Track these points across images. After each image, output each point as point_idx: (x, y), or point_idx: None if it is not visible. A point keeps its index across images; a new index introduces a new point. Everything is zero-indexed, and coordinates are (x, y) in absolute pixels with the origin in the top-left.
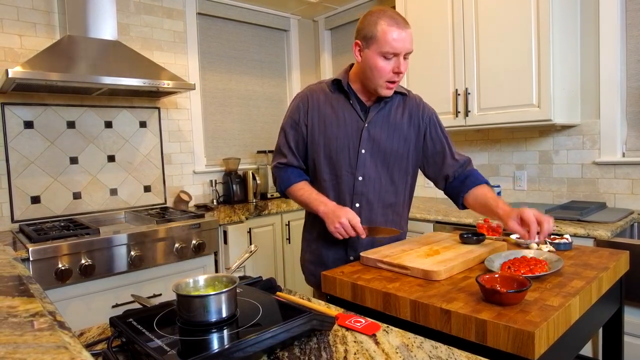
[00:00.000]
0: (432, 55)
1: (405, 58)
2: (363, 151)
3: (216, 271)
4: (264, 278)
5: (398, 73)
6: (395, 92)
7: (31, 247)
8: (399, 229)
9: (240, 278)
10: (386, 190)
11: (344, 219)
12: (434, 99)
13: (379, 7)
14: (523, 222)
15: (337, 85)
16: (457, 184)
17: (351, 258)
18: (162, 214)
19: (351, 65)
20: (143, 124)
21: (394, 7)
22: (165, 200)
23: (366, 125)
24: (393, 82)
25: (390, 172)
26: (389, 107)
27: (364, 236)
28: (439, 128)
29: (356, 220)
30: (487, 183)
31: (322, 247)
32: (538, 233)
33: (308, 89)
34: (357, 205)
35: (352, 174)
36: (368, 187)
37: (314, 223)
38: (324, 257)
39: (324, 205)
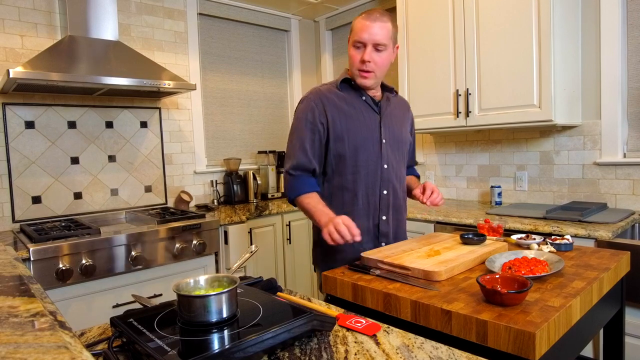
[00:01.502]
0: (433, 55)
1: (377, 50)
2: (384, 141)
3: (217, 271)
4: (264, 278)
5: (364, 61)
6: (390, 90)
7: (32, 247)
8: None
9: (241, 278)
10: (402, 175)
11: (339, 221)
12: (435, 99)
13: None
14: (424, 190)
15: (347, 83)
16: None
17: (383, 244)
18: (162, 214)
19: (347, 69)
20: (144, 124)
21: (394, 8)
22: (166, 201)
23: (381, 117)
24: (364, 71)
25: (403, 158)
26: (392, 102)
27: (358, 239)
28: (413, 127)
29: (352, 223)
30: (417, 177)
31: (354, 243)
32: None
33: (317, 90)
34: (385, 192)
35: (378, 163)
36: (391, 174)
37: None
38: (359, 252)
39: (327, 216)
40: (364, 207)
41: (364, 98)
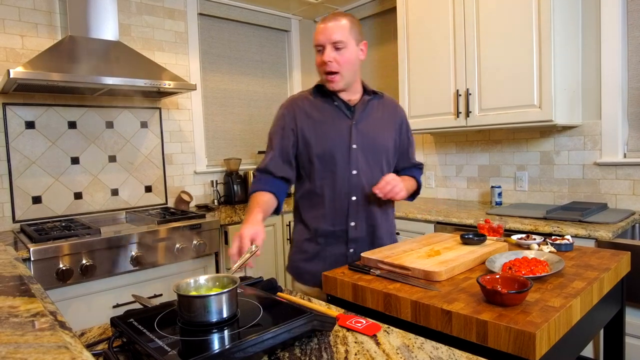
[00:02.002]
0: (433, 55)
1: (337, 48)
2: (354, 146)
3: (217, 271)
4: (264, 278)
5: (324, 63)
6: (374, 93)
7: (32, 247)
8: (392, 222)
9: (241, 279)
10: (378, 181)
11: (238, 234)
12: (435, 99)
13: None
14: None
15: (320, 90)
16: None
17: (351, 250)
18: (163, 214)
19: None
20: (144, 124)
21: (394, 9)
22: (166, 201)
23: (354, 122)
24: (329, 74)
25: (380, 164)
26: (371, 105)
27: (235, 258)
28: (408, 129)
29: (243, 241)
30: (416, 179)
31: (322, 243)
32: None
33: (291, 98)
34: (354, 198)
35: (347, 169)
36: (362, 180)
37: (308, 225)
38: (325, 252)
39: (245, 222)
40: (331, 212)
41: (335, 103)
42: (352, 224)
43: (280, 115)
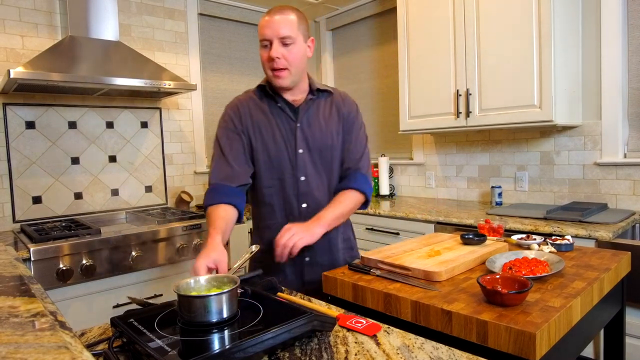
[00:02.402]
0: (433, 56)
1: (285, 44)
2: (300, 151)
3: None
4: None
5: (272, 59)
6: (322, 91)
7: (32, 247)
8: (348, 226)
9: (242, 281)
10: (332, 185)
11: (194, 266)
12: (435, 99)
13: None
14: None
15: (263, 90)
16: (340, 184)
17: (307, 259)
18: (163, 214)
19: None
20: (144, 125)
21: (394, 9)
22: (167, 201)
23: (298, 125)
24: (276, 70)
25: (329, 168)
26: (317, 104)
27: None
28: (353, 124)
29: (199, 266)
30: (356, 189)
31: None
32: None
33: (236, 99)
34: (305, 205)
35: (294, 175)
36: (312, 185)
37: (263, 233)
38: (280, 264)
39: (205, 248)
40: (283, 222)
41: (279, 105)
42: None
43: (227, 117)
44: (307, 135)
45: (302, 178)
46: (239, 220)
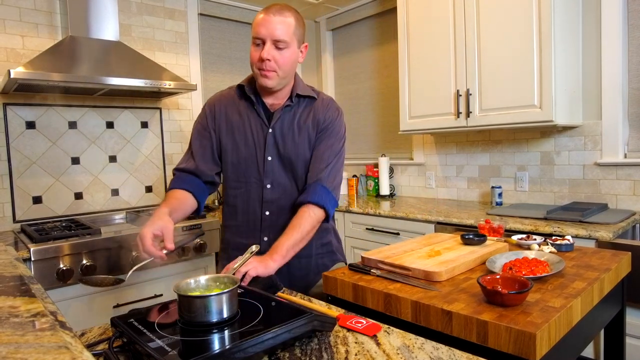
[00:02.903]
0: (434, 56)
1: (278, 47)
2: (269, 158)
3: (217, 272)
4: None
5: (262, 60)
6: (303, 97)
7: (33, 247)
8: (322, 234)
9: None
10: (296, 196)
11: (139, 234)
12: (435, 99)
13: None
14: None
15: (241, 90)
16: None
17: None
18: None
19: None
20: (144, 125)
21: (395, 9)
22: None
23: (270, 130)
24: (263, 70)
25: (299, 177)
26: (294, 110)
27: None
28: (325, 131)
29: (143, 241)
30: (315, 203)
31: (234, 256)
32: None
33: (218, 95)
34: (267, 213)
35: (260, 181)
36: (278, 194)
37: (228, 239)
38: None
39: (150, 220)
40: (243, 225)
41: (255, 107)
42: (265, 239)
43: (202, 113)
44: (278, 142)
45: (268, 185)
46: (197, 212)
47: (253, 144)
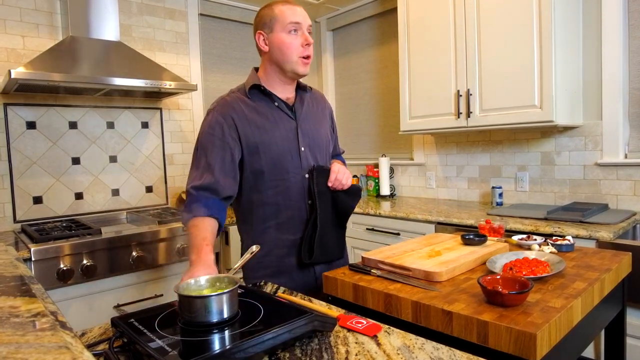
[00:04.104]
0: (434, 55)
1: (308, 32)
2: (303, 148)
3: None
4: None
5: (308, 44)
6: (304, 89)
7: (33, 247)
8: None
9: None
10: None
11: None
12: (436, 99)
13: (272, 1)
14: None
15: (257, 90)
16: None
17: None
18: (163, 214)
19: (256, 70)
20: (145, 125)
21: (395, 9)
22: (167, 201)
23: (298, 122)
24: (307, 57)
25: (325, 161)
26: (306, 101)
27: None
28: (333, 120)
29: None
30: (341, 160)
31: (286, 257)
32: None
33: (223, 102)
34: (310, 202)
35: (298, 173)
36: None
37: (268, 238)
38: (288, 263)
39: (197, 255)
40: (289, 220)
41: (276, 104)
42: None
43: (214, 123)
44: (305, 132)
45: (307, 175)
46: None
47: (286, 139)
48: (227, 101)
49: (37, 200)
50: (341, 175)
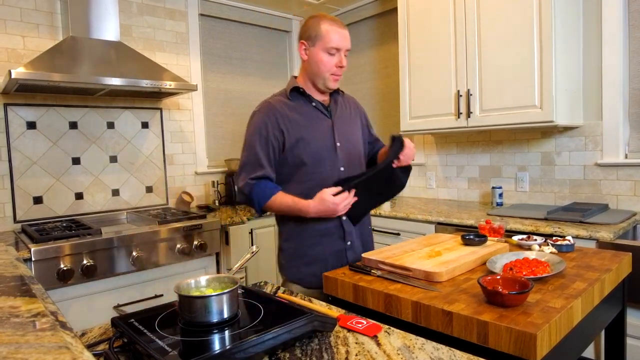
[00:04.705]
0: (434, 56)
1: (344, 55)
2: (338, 144)
3: (218, 272)
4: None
5: (341, 67)
6: (337, 92)
7: (33, 248)
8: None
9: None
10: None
11: (337, 199)
12: (436, 100)
13: (319, 13)
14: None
15: (297, 92)
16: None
17: (349, 243)
18: (163, 214)
19: (294, 76)
20: (145, 125)
21: (395, 9)
22: (167, 201)
23: (333, 121)
24: (337, 75)
25: (359, 158)
26: (340, 103)
27: (350, 199)
28: (368, 120)
29: (337, 190)
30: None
31: (318, 245)
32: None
33: (267, 104)
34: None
35: (335, 166)
36: (348, 174)
37: (301, 228)
38: (325, 251)
39: (308, 204)
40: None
41: (314, 104)
42: (344, 218)
43: (260, 123)
44: (340, 130)
45: (342, 169)
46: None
47: (324, 135)
48: (270, 103)
49: (37, 200)
50: (413, 152)
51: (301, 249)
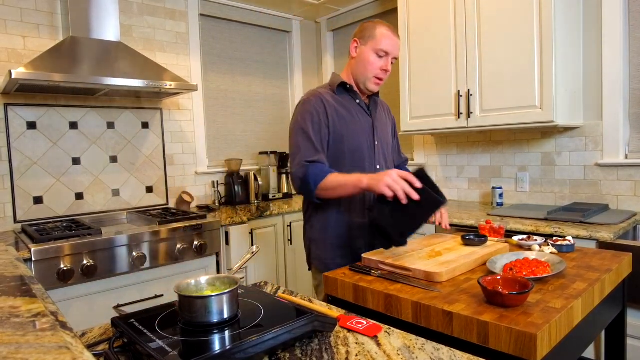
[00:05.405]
0: (434, 56)
1: (391, 62)
2: (377, 143)
3: (218, 272)
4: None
5: (385, 71)
6: (375, 94)
7: (33, 248)
8: None
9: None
10: None
11: (394, 175)
12: (436, 100)
13: (379, 20)
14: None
15: (343, 87)
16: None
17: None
18: (164, 214)
19: (335, 73)
20: (145, 125)
21: (395, 9)
22: (168, 201)
23: (373, 120)
24: (380, 79)
25: (391, 159)
26: (378, 104)
27: (418, 185)
28: (396, 130)
29: (405, 174)
30: (406, 169)
31: (354, 236)
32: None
33: (317, 93)
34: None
35: (372, 164)
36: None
37: (338, 217)
38: (357, 244)
39: (365, 177)
40: (361, 204)
41: (358, 102)
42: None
43: (310, 110)
44: (378, 130)
45: (378, 166)
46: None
47: (363, 132)
48: (320, 93)
49: (38, 200)
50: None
51: (336, 240)
